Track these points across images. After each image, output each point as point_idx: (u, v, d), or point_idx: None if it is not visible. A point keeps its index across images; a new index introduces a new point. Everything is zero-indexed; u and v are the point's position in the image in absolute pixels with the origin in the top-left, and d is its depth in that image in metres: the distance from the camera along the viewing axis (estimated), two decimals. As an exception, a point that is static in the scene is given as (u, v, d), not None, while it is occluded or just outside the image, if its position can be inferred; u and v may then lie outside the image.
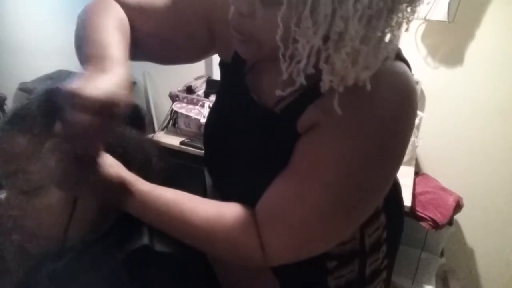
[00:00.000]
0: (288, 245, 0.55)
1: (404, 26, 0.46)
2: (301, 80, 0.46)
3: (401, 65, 0.54)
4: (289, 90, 0.49)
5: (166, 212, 0.54)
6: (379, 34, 0.44)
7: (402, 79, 0.53)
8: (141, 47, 0.66)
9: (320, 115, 0.54)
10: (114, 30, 0.57)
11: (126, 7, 0.64)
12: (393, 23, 0.45)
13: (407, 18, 0.46)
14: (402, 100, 0.52)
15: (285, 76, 0.47)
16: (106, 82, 0.45)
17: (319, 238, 0.55)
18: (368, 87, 0.47)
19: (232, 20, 0.51)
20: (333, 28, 0.42)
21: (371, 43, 0.44)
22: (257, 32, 0.49)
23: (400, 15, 0.45)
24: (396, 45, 0.48)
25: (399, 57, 0.55)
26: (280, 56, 0.45)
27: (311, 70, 0.45)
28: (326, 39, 0.43)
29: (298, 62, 0.45)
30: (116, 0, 0.64)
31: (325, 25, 0.41)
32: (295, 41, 0.44)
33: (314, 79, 0.51)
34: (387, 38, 0.46)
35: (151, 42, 0.68)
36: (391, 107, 0.52)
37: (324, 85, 0.48)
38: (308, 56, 0.44)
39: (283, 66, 0.46)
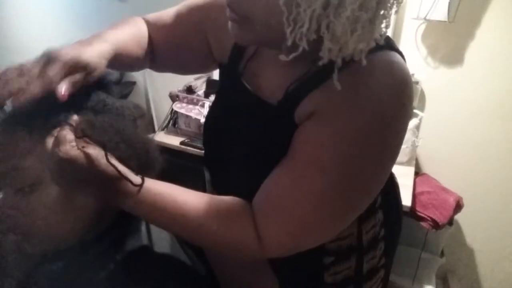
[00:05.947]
0: (286, 232, 0.55)
1: (394, 8, 0.48)
2: (303, 45, 0.47)
3: (395, 54, 0.55)
4: (292, 56, 0.49)
5: (160, 203, 0.54)
6: (374, 4, 0.46)
7: (397, 67, 0.54)
8: (158, 59, 0.76)
9: (317, 104, 0.54)
10: (122, 28, 0.65)
11: (148, 24, 0.74)
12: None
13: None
14: (398, 85, 0.53)
15: (289, 41, 0.48)
16: (88, 50, 0.52)
17: (316, 226, 0.55)
18: (364, 62, 0.49)
19: None
20: None
21: (369, 11, 0.46)
22: (252, 8, 0.49)
23: None
24: (388, 25, 0.50)
25: (393, 47, 0.56)
26: (284, 20, 0.46)
27: (313, 36, 0.47)
28: (326, 6, 0.45)
29: (301, 26, 0.46)
30: (143, 19, 0.74)
31: None
32: (298, 5, 0.45)
33: (310, 68, 0.53)
34: (381, 12, 0.48)
35: (163, 54, 0.75)
36: (388, 92, 0.52)
37: (324, 54, 0.49)
38: (310, 20, 0.45)
39: (287, 30, 0.47)
